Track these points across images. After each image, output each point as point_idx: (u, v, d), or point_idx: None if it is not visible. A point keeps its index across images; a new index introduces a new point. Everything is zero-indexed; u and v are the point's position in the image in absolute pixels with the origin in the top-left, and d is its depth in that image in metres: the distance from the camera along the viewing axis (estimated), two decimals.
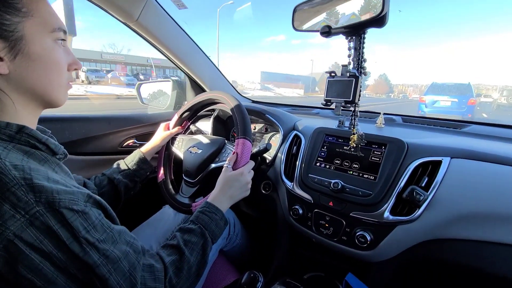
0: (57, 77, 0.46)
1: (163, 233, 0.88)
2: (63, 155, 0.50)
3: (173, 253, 0.52)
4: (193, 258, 0.53)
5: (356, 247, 0.69)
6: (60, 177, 0.42)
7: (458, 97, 8.05)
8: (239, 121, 0.76)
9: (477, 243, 0.58)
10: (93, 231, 0.39)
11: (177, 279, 0.49)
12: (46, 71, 0.44)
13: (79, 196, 0.40)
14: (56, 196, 0.36)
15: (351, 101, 0.61)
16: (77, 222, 0.37)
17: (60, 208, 0.36)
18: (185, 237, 0.55)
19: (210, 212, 0.61)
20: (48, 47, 0.44)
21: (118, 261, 0.40)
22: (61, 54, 0.47)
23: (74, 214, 0.37)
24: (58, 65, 0.46)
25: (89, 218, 0.39)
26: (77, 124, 1.00)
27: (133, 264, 0.42)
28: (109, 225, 0.43)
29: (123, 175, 0.82)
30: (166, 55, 1.12)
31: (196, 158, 0.87)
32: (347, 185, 0.72)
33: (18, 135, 0.41)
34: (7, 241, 0.32)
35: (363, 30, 0.60)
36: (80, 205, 0.39)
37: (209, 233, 0.57)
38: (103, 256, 0.39)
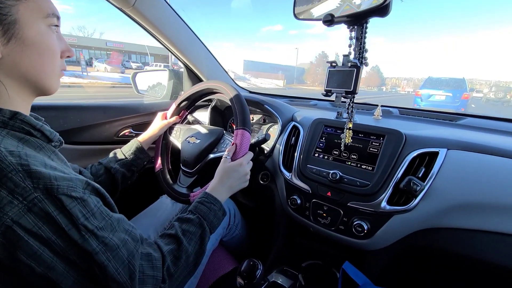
0: (50, 63, 0.45)
1: (161, 223, 0.88)
2: (59, 142, 0.49)
3: (171, 242, 0.52)
4: (191, 247, 0.53)
5: (353, 236, 0.70)
6: (57, 164, 0.41)
7: (453, 92, 8.24)
8: (238, 112, 0.75)
9: (471, 232, 0.60)
10: (92, 218, 0.39)
11: (175, 268, 0.49)
12: (40, 57, 0.43)
13: (77, 183, 0.39)
14: (54, 183, 0.36)
15: (351, 91, 0.61)
16: (75, 209, 0.37)
17: (59, 195, 0.36)
18: (184, 227, 0.55)
19: (209, 203, 0.61)
20: (42, 32, 0.43)
21: (117, 248, 0.40)
22: (54, 40, 0.45)
23: (73, 200, 0.37)
24: (52, 51, 0.45)
25: (88, 205, 0.39)
26: (72, 113, 0.98)
27: (131, 252, 0.42)
28: (107, 213, 0.42)
29: (120, 164, 0.81)
30: (163, 43, 1.09)
31: (194, 148, 0.86)
32: (345, 175, 0.73)
33: (11, 121, 0.40)
34: (5, 227, 0.32)
35: (366, 19, 0.59)
36: (79, 192, 0.39)
37: (207, 223, 0.58)
38: (102, 243, 0.39)
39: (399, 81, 67.91)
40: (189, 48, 1.17)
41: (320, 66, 61.81)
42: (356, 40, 0.62)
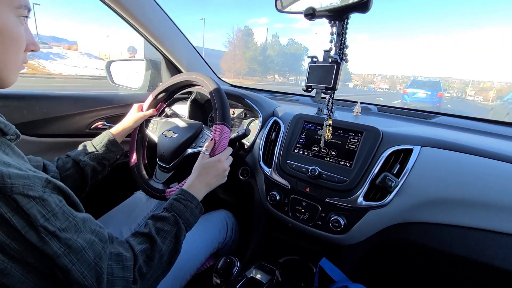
0: (14, 55, 0.42)
1: (134, 219, 0.85)
2: (15, 135, 0.44)
3: (144, 242, 0.50)
4: (165, 247, 0.51)
5: (330, 231, 0.71)
6: (12, 159, 0.38)
7: (431, 91, 10.83)
8: (217, 106, 0.73)
9: (441, 226, 0.62)
10: (53, 219, 0.36)
11: (147, 268, 0.47)
12: (4, 47, 0.40)
13: (35, 181, 0.36)
14: (7, 181, 0.32)
15: (331, 87, 0.61)
16: (33, 209, 0.34)
17: (13, 194, 0.32)
18: (158, 225, 0.53)
19: (185, 200, 0.59)
20: (11, 22, 0.40)
21: (82, 250, 0.38)
22: (22, 32, 0.43)
23: (30, 200, 0.34)
24: (17, 43, 0.42)
25: (48, 205, 0.36)
26: (37, 103, 0.91)
27: (99, 254, 0.40)
28: (71, 213, 0.39)
29: (90, 158, 0.76)
30: (140, 31, 1.04)
31: (171, 143, 0.83)
32: (324, 171, 0.73)
33: None
34: None
35: (347, 15, 0.59)
36: (37, 190, 0.35)
37: (183, 221, 0.56)
38: (65, 245, 0.36)
39: (372, 77, 68.02)
40: (168, 38, 1.12)
41: (241, 48, 46.45)
42: (337, 35, 0.62)
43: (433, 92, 10.85)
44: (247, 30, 48.13)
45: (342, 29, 0.60)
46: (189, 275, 0.76)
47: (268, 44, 55.77)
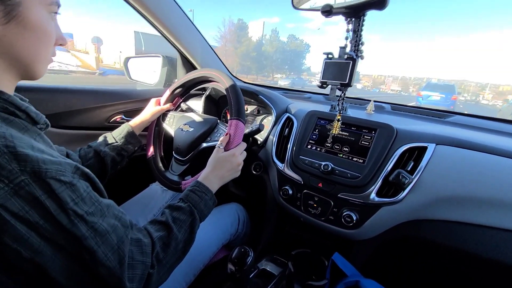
0: (45, 49, 0.45)
1: (150, 210, 0.88)
2: (45, 125, 0.47)
3: (161, 229, 0.52)
4: (180, 235, 0.53)
5: (342, 226, 0.72)
6: (44, 146, 0.40)
7: (445, 94, 11.30)
8: (233, 102, 0.75)
9: (454, 224, 0.62)
10: (81, 203, 0.38)
11: (164, 254, 0.49)
12: (37, 41, 0.43)
13: (66, 167, 0.38)
14: (42, 166, 0.35)
15: (347, 84, 0.62)
16: (64, 194, 0.36)
17: (47, 179, 0.35)
18: (174, 214, 0.55)
19: (200, 192, 0.61)
20: (44, 18, 0.43)
21: (107, 234, 0.40)
22: (53, 27, 0.45)
23: (62, 185, 0.36)
24: (49, 38, 0.45)
25: (77, 190, 0.38)
26: (60, 96, 0.95)
27: (121, 238, 0.42)
28: (97, 198, 0.42)
29: (110, 148, 0.79)
30: (158, 28, 1.07)
31: (187, 136, 0.85)
32: (337, 167, 0.74)
33: None
34: None
35: (363, 12, 0.59)
36: (68, 176, 0.38)
37: (198, 212, 0.58)
38: (91, 228, 0.38)
39: (383, 78, 64.76)
40: (185, 35, 1.15)
41: (233, 43, 42.27)
42: (353, 32, 0.63)
43: (447, 95, 11.32)
44: (240, 23, 43.63)
45: (358, 26, 0.61)
46: (202, 265, 0.78)
47: (266, 39, 52.64)
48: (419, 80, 65.32)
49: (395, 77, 64.18)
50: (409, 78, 65.69)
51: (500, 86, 51.01)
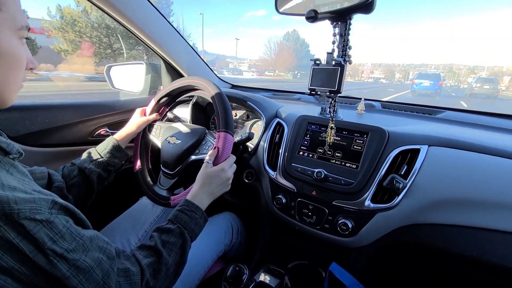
0: (15, 75, 0.42)
1: (141, 226, 0.85)
2: (18, 154, 0.44)
3: (150, 255, 0.50)
4: (171, 259, 0.52)
5: (338, 234, 0.71)
6: (17, 181, 0.37)
7: (434, 81, 15.23)
8: (220, 113, 0.72)
9: (451, 227, 0.61)
10: (60, 240, 0.36)
11: (154, 282, 0.48)
12: (7, 68, 0.40)
13: (42, 204, 0.36)
14: (14, 207, 0.32)
15: (335, 91, 0.60)
16: (41, 233, 0.34)
17: (20, 220, 0.32)
18: (163, 238, 0.53)
19: (190, 211, 0.59)
20: (14, 44, 0.41)
21: (90, 270, 0.38)
22: (23, 51, 0.43)
23: (37, 224, 0.34)
24: (20, 63, 0.43)
25: (55, 226, 0.36)
26: (39, 113, 0.90)
27: (107, 272, 0.40)
28: (78, 232, 0.39)
29: (95, 165, 0.76)
30: (138, 36, 1.02)
31: (175, 149, 0.82)
32: (330, 174, 0.72)
33: None
34: None
35: (350, 15, 0.57)
36: (44, 213, 0.35)
37: (188, 232, 0.56)
38: (73, 266, 0.36)
39: (361, 68, 64.39)
40: (167, 42, 1.11)
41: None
42: (339, 36, 0.61)
43: (435, 81, 15.02)
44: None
45: (345, 30, 0.59)
46: (198, 280, 0.76)
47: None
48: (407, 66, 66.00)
49: (378, 64, 64.52)
50: (395, 65, 66.16)
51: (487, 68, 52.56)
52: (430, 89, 14.91)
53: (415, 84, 15.26)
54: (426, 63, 75.23)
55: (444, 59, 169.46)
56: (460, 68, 57.28)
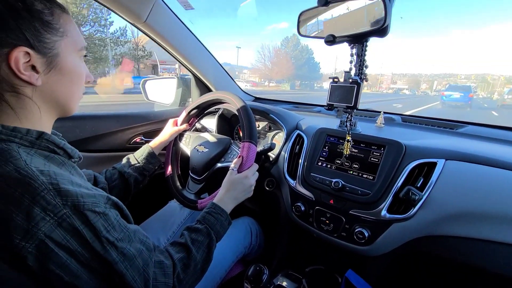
0: (77, 89, 0.51)
1: (170, 227, 0.92)
2: (78, 158, 0.53)
3: (181, 251, 0.56)
4: (199, 256, 0.57)
5: (355, 242, 0.74)
6: (79, 180, 0.46)
7: (464, 93, 15.36)
8: (245, 125, 0.79)
9: (467, 240, 0.62)
10: (112, 231, 0.43)
11: (184, 275, 0.53)
12: (72, 83, 0.49)
13: (100, 199, 0.43)
14: (80, 200, 0.40)
15: (352, 106, 0.65)
16: (99, 223, 0.41)
17: (85, 210, 0.40)
18: (192, 236, 0.59)
19: (216, 213, 0.65)
20: (77, 63, 0.49)
21: (134, 258, 0.44)
22: (83, 68, 0.52)
23: (96, 215, 0.41)
24: (81, 78, 0.51)
25: (109, 219, 0.43)
26: (87, 122, 1.04)
27: (146, 261, 0.46)
28: (125, 225, 0.46)
29: (133, 169, 0.85)
30: (173, 54, 1.14)
31: (203, 157, 0.90)
32: (347, 184, 0.76)
33: (38, 141, 0.44)
34: (39, 241, 0.36)
35: (366, 38, 0.62)
36: (101, 207, 0.43)
37: (214, 232, 0.62)
38: (121, 254, 0.43)
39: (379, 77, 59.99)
40: (198, 59, 1.22)
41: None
42: (357, 56, 0.66)
43: (465, 93, 15.20)
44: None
45: (361, 50, 0.64)
46: (219, 278, 0.81)
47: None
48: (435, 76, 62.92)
49: (403, 74, 61.60)
50: (421, 75, 62.68)
51: None
52: (460, 101, 15.12)
53: (445, 96, 15.67)
54: (455, 73, 71.58)
55: (476, 69, 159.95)
56: (495, 78, 53.77)
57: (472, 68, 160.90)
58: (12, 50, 0.40)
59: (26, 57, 0.42)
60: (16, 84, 0.42)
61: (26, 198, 0.36)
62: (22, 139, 0.43)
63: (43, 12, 0.43)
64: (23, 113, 0.45)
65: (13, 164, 0.38)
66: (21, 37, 0.41)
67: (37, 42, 0.42)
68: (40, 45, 0.43)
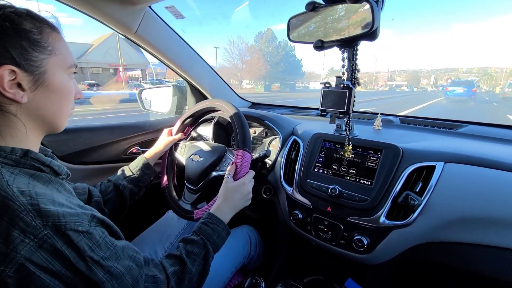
0: (66, 105, 0.51)
1: (167, 238, 0.91)
2: (66, 175, 0.52)
3: (176, 264, 0.55)
4: (194, 268, 0.56)
5: (354, 250, 0.72)
6: (64, 198, 0.45)
7: (467, 87, 16.01)
8: (238, 133, 0.78)
9: (470, 246, 0.60)
10: (97, 249, 0.41)
11: None
12: (60, 100, 0.49)
13: (83, 217, 0.42)
14: (62, 220, 0.39)
15: (345, 112, 0.63)
16: (82, 243, 0.40)
17: (66, 231, 0.39)
18: (188, 248, 0.58)
19: (213, 224, 0.64)
20: (64, 80, 0.49)
21: (122, 276, 0.43)
22: (72, 85, 0.51)
23: (80, 235, 0.40)
24: (69, 96, 0.51)
25: (93, 237, 0.42)
26: (81, 135, 1.03)
27: (136, 278, 0.45)
28: (112, 242, 0.45)
29: (128, 181, 0.84)
30: (167, 64, 1.14)
31: (197, 166, 0.89)
32: (345, 190, 0.74)
33: (23, 159, 0.43)
34: (19, 264, 0.35)
35: (355, 42, 0.61)
36: (85, 225, 0.41)
37: (211, 244, 0.60)
38: (108, 272, 0.42)
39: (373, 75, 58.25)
40: (192, 67, 1.21)
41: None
42: (348, 60, 0.65)
43: (469, 88, 15.79)
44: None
45: (352, 54, 0.63)
46: None
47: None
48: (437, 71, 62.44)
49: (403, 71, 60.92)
50: (422, 71, 61.60)
51: None
52: (464, 96, 15.80)
53: (449, 91, 16.50)
54: (456, 67, 70.65)
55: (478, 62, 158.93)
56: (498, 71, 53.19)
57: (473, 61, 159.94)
58: None
59: (11, 75, 0.41)
60: (1, 101, 0.42)
61: (4, 220, 0.35)
62: (6, 158, 0.42)
63: (31, 31, 0.43)
64: (8, 131, 0.44)
65: None
66: (7, 55, 0.41)
67: (24, 60, 0.42)
68: (26, 63, 0.42)
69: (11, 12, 0.42)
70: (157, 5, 0.97)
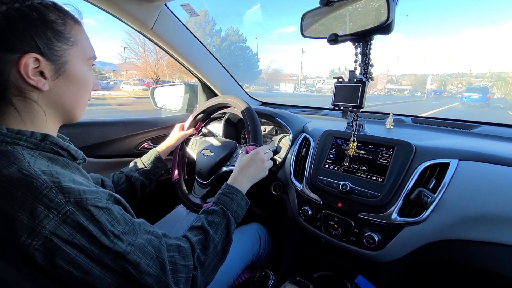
0: (84, 96, 0.53)
1: (176, 232, 0.92)
2: (82, 160, 0.54)
3: (199, 233, 0.56)
4: (218, 237, 0.57)
5: (365, 247, 0.71)
6: (82, 179, 0.46)
7: (482, 93, 17.01)
8: (250, 128, 0.79)
9: (483, 244, 0.59)
10: (116, 225, 0.43)
11: (204, 256, 0.53)
12: (79, 90, 0.51)
13: (102, 195, 0.44)
14: (83, 196, 0.40)
15: (358, 106, 0.63)
16: (103, 218, 0.41)
17: (88, 206, 0.40)
18: (209, 218, 0.59)
19: (230, 193, 0.65)
20: (84, 71, 0.51)
21: (144, 247, 0.45)
22: (91, 77, 0.53)
23: (100, 210, 0.42)
24: (88, 86, 0.53)
25: (112, 213, 0.43)
26: (96, 129, 1.06)
27: (157, 248, 0.47)
28: (130, 219, 0.47)
29: (140, 173, 0.86)
30: (180, 61, 1.16)
31: (208, 161, 0.90)
32: (356, 186, 0.74)
33: (42, 143, 0.45)
34: (45, 238, 0.37)
35: (370, 36, 0.61)
36: (104, 202, 0.43)
37: (231, 212, 0.61)
38: (130, 245, 0.43)
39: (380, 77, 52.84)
40: (204, 65, 1.23)
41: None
42: (361, 55, 0.65)
43: (483, 94, 16.83)
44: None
45: (366, 49, 0.63)
46: (226, 286, 0.80)
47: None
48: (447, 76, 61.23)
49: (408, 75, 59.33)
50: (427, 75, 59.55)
51: None
52: (479, 101, 16.62)
53: (464, 97, 17.70)
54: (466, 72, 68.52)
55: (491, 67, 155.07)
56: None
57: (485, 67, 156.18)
58: (23, 56, 0.41)
59: (35, 63, 0.43)
60: (24, 88, 0.44)
61: (29, 197, 0.37)
62: (27, 141, 0.44)
63: (56, 22, 0.45)
64: (29, 117, 0.46)
65: (16, 165, 0.39)
66: (32, 44, 0.42)
67: (48, 50, 0.44)
68: (50, 52, 0.44)
69: (38, 3, 0.44)
70: (172, 3, 0.99)
